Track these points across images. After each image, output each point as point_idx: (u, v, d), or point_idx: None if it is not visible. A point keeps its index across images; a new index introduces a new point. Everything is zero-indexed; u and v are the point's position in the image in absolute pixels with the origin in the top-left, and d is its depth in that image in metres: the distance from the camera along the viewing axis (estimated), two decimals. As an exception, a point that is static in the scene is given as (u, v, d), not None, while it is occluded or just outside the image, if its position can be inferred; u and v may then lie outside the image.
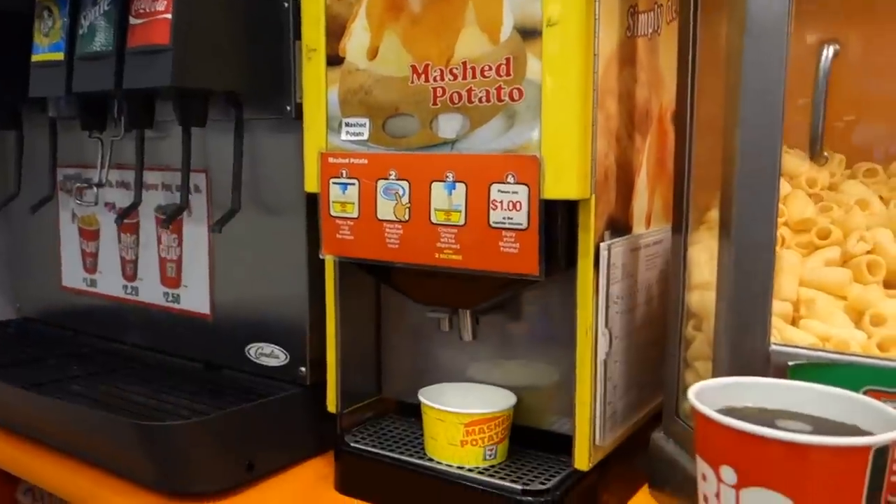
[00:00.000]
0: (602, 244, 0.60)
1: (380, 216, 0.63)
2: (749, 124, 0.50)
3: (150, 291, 0.89)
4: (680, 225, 0.61)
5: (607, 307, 0.61)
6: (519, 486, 0.62)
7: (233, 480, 0.69)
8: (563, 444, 0.65)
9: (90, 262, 0.96)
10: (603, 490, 0.68)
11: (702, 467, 0.43)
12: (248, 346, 0.80)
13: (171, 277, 0.87)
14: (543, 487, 0.63)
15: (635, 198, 0.67)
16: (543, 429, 0.70)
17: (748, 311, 0.52)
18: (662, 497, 0.64)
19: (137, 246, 0.90)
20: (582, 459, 0.62)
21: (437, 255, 0.61)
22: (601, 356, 0.61)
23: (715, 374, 0.55)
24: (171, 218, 0.73)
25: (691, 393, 0.44)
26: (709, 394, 0.45)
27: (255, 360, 0.80)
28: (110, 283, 0.94)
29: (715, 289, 0.55)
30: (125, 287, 0.92)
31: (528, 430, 0.68)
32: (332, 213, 0.66)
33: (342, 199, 0.65)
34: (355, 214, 0.64)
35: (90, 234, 0.95)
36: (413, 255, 0.62)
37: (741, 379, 0.47)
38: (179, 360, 0.87)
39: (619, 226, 0.64)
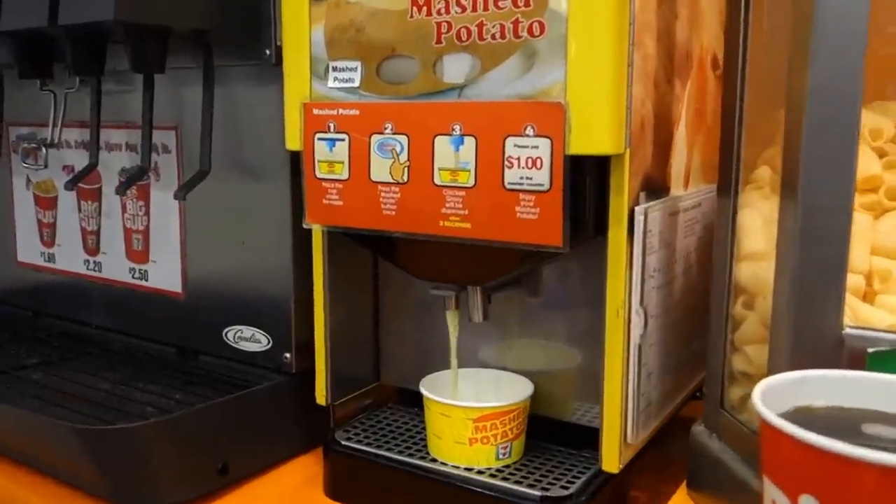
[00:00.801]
0: (637, 208, 0.53)
1: (374, 177, 0.56)
2: (824, 56, 0.43)
3: (115, 267, 0.83)
4: (728, 184, 0.55)
5: (643, 282, 0.55)
6: (537, 493, 0.57)
7: (202, 487, 0.63)
8: (586, 438, 0.60)
9: (48, 234, 0.90)
10: (634, 491, 0.63)
11: (772, 493, 0.36)
12: (226, 329, 0.74)
13: (138, 251, 0.80)
14: (566, 493, 0.57)
15: (674, 154, 0.60)
16: (564, 420, 0.64)
17: (816, 285, 0.45)
18: (703, 500, 0.58)
19: (99, 215, 0.83)
20: (611, 460, 0.56)
21: (441, 223, 0.54)
22: (635, 339, 0.55)
23: (772, 361, 0.49)
24: (129, 183, 0.66)
25: (757, 396, 0.37)
26: (775, 392, 0.39)
27: (233, 345, 0.74)
28: (71, 258, 0.87)
29: (773, 259, 0.48)
30: (87, 262, 0.86)
31: (547, 422, 0.63)
32: (318, 175, 0.59)
33: (329, 158, 0.58)
34: (345, 176, 0.58)
35: (47, 201, 0.89)
36: (413, 224, 0.56)
37: (814, 372, 0.41)
38: (149, 345, 0.81)
39: (655, 186, 0.57)
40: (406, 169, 0.55)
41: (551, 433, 0.63)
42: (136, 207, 0.80)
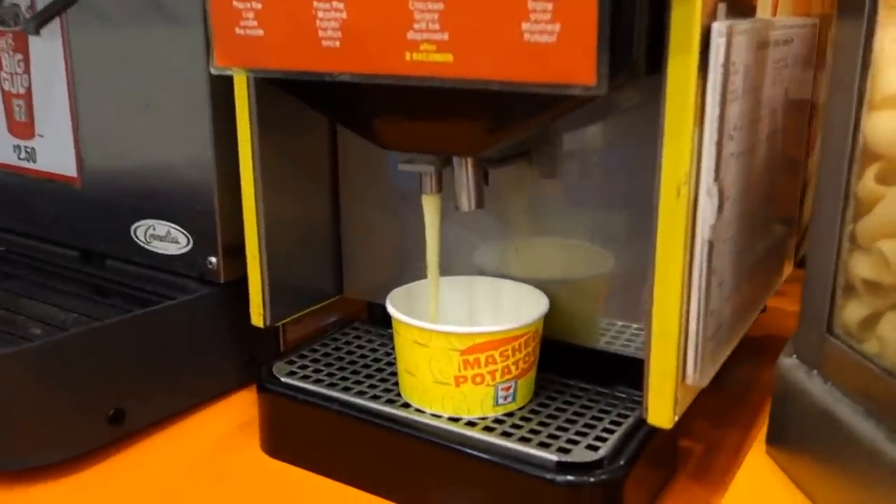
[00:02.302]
0: (716, 25, 0.35)
1: (306, -11, 0.38)
2: None
3: (-3, 145, 0.66)
4: (860, -5, 0.36)
5: (719, 144, 0.37)
6: (552, 455, 0.41)
7: (85, 442, 0.48)
8: (621, 370, 0.47)
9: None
10: (685, 441, 0.50)
11: None
12: (135, 225, 0.59)
13: (21, 122, 0.63)
14: (593, 456, 0.41)
15: (763, -47, 0.41)
16: (590, 347, 0.49)
17: None
18: (793, 464, 0.42)
19: (-29, 76, 0.65)
20: (661, 409, 0.40)
21: (408, 56, 0.37)
22: (704, 232, 0.38)
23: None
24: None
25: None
26: None
27: (144, 246, 0.58)
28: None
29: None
30: (-37, 140, 0.68)
31: (566, 350, 0.49)
32: (227, -10, 0.41)
33: (241, -38, 0.40)
34: (264, -11, 0.40)
35: None
36: (366, 60, 0.39)
37: None
38: (46, 247, 0.66)
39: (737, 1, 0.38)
40: (352, -29, 0.37)
41: (572, 366, 0.49)
42: (14, 63, 0.62)
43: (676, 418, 0.40)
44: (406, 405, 0.45)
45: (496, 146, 0.43)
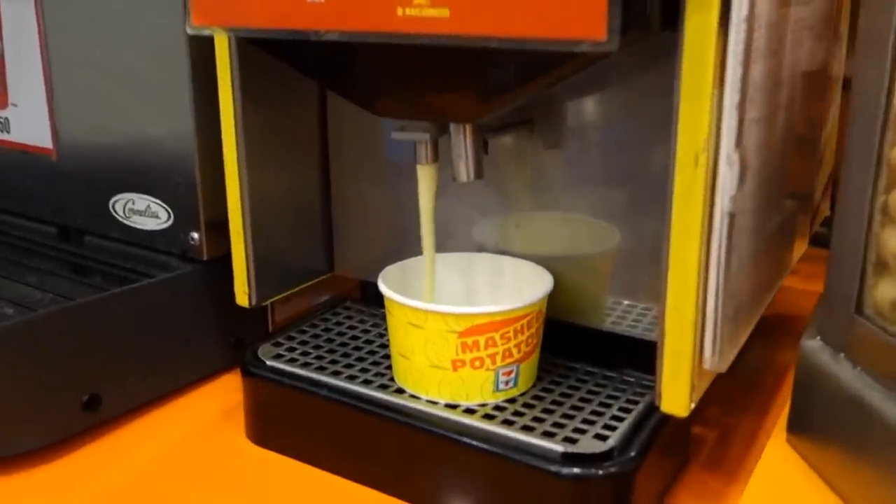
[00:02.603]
0: (738, -23, 0.32)
1: (288, -63, 0.35)
2: None
3: (-32, 115, 0.63)
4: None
5: (741, 108, 0.34)
6: (558, 446, 0.38)
7: (57, 430, 0.46)
8: (630, 353, 0.45)
9: None
10: (695, 427, 0.47)
11: None
12: (113, 199, 0.56)
13: (-6, 91, 0.60)
14: (601, 448, 0.39)
15: None
16: (596, 328, 0.47)
17: None
18: (817, 454, 0.39)
19: (-60, 41, 0.62)
20: (676, 396, 0.38)
21: (400, 12, 0.34)
22: (724, 204, 0.35)
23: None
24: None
25: None
26: None
27: (124, 221, 0.56)
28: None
29: None
30: (-66, 110, 0.65)
31: (572, 332, 0.47)
32: (202, -60, 0.38)
33: None
34: (242, -62, 0.37)
35: None
36: (355, 17, 0.36)
37: None
38: (21, 222, 0.64)
39: (760, -50, 0.35)
40: (339, -84, 0.34)
41: (577, 348, 0.47)
42: (-15, 28, 0.59)
43: (693, 406, 0.37)
44: (400, 391, 0.43)
45: (496, 112, 0.40)
